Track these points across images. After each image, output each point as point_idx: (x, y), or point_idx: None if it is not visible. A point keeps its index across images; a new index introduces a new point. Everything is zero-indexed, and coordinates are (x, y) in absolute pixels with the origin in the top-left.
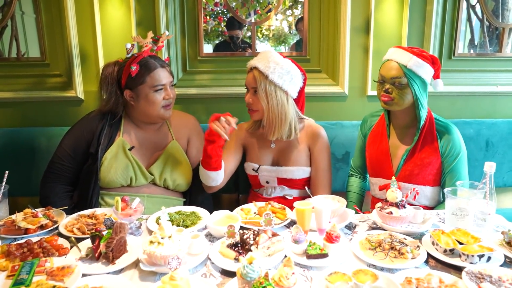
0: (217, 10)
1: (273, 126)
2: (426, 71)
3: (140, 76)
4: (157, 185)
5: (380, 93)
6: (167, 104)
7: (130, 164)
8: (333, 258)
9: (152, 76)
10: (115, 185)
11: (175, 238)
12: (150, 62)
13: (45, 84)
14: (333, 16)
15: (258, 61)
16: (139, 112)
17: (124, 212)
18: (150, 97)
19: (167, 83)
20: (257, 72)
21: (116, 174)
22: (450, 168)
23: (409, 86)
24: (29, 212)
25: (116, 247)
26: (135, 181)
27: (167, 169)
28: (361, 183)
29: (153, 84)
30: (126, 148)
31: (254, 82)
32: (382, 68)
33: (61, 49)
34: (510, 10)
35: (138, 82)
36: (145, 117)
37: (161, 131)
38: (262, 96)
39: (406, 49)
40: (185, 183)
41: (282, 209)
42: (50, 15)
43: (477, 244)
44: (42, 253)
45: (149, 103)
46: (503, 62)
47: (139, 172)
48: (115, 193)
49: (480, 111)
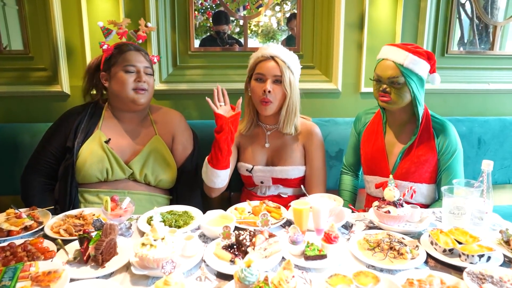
0: (206, 5)
1: (289, 118)
2: (423, 67)
3: (113, 56)
4: (138, 181)
5: (378, 92)
6: (138, 87)
7: (105, 156)
8: (331, 259)
9: (124, 57)
10: (92, 179)
11: (168, 240)
12: (124, 44)
13: (28, 78)
14: (327, 11)
15: (276, 50)
16: (113, 95)
17: (114, 213)
18: (119, 76)
19: (140, 67)
20: (280, 61)
21: (91, 167)
22: (446, 166)
23: (407, 85)
24: (12, 213)
25: (106, 250)
26: (112, 174)
27: (148, 164)
28: (353, 181)
29: (124, 64)
30: (102, 140)
31: (278, 70)
32: (377, 67)
33: (46, 41)
34: (499, 8)
35: (111, 63)
36: (119, 102)
37: (143, 126)
38: (287, 85)
39: (400, 46)
40: (169, 180)
41: (277, 208)
42: (33, 6)
43: (476, 243)
44: (27, 256)
45: (118, 83)
46: (495, 60)
47: (116, 165)
48: (94, 190)
49: (472, 109)
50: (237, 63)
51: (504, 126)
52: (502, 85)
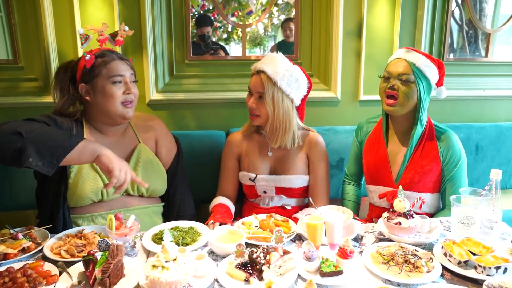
0: (193, 11)
1: (277, 133)
2: (433, 73)
3: (95, 67)
4: (131, 195)
5: (385, 90)
6: (127, 100)
7: (98, 175)
8: (348, 275)
9: (109, 67)
10: (85, 202)
11: (180, 261)
12: (106, 53)
13: (18, 88)
14: (325, 19)
15: (266, 65)
16: (97, 110)
17: (119, 232)
18: (107, 89)
19: (127, 76)
20: (265, 77)
21: (85, 189)
22: (451, 175)
23: (416, 85)
24: (7, 234)
25: (113, 272)
26: (107, 195)
27: (137, 175)
28: (356, 191)
29: (110, 75)
30: None
31: (261, 87)
32: (389, 65)
33: (37, 51)
34: (487, 15)
35: (94, 74)
36: (104, 116)
37: (126, 135)
38: (269, 102)
39: (415, 50)
40: (160, 187)
41: (286, 222)
42: (23, 14)
43: (491, 254)
44: (27, 282)
45: (106, 97)
46: (490, 67)
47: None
48: (88, 215)
49: (468, 115)
50: (235, 72)
51: (500, 132)
52: (497, 91)
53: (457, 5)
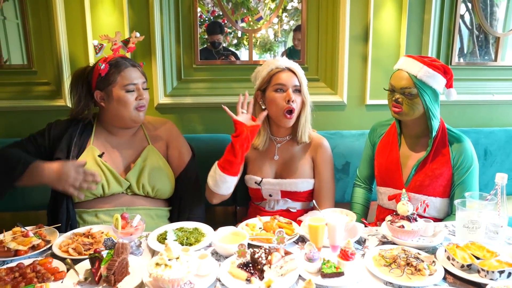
0: (204, 17)
1: (306, 126)
2: (437, 81)
3: (110, 75)
4: (137, 194)
5: (391, 102)
6: (140, 105)
7: (100, 170)
8: (349, 276)
9: (123, 75)
10: (87, 196)
11: (183, 260)
12: (120, 61)
13: (31, 92)
14: (332, 24)
15: (287, 62)
16: (111, 115)
17: (125, 231)
18: (121, 97)
19: (139, 83)
20: (296, 71)
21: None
22: (461, 180)
23: (420, 97)
24: (18, 231)
25: (118, 270)
26: (108, 189)
27: (144, 175)
28: (366, 194)
29: (124, 83)
30: (96, 155)
31: (296, 80)
32: (392, 77)
33: (50, 56)
34: (498, 19)
35: (108, 82)
36: (118, 121)
37: (136, 137)
38: (305, 93)
39: (417, 58)
40: (167, 189)
41: (289, 224)
42: (37, 20)
43: (495, 259)
44: (36, 277)
45: (121, 104)
46: (499, 71)
47: (112, 178)
48: (92, 210)
49: (477, 120)
50: (242, 76)
51: (510, 137)
52: (507, 96)
53: (467, 10)
